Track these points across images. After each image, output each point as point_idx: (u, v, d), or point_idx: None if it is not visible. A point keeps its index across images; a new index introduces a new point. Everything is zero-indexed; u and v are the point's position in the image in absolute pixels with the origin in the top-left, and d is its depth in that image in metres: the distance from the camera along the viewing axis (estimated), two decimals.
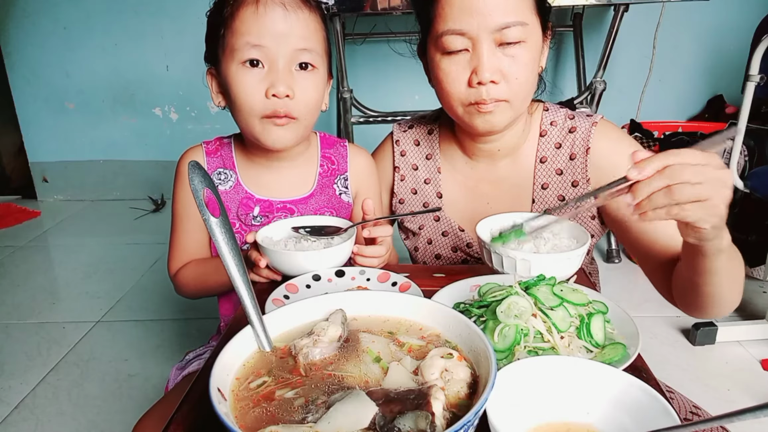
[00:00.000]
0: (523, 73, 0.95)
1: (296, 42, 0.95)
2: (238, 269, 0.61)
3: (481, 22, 0.91)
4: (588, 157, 1.07)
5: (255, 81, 0.95)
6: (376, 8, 2.21)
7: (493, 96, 0.95)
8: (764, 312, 2.00)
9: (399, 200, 1.23)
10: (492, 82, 0.93)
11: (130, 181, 3.61)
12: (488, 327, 0.67)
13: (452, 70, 0.96)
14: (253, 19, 0.93)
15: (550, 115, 1.12)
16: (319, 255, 0.90)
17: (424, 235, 1.22)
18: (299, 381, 0.56)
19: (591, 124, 1.08)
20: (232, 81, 0.97)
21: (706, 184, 0.64)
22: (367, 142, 1.43)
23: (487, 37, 0.92)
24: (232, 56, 0.96)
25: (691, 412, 0.93)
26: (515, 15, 0.92)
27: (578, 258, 0.84)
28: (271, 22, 0.93)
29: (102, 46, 3.35)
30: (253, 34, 0.93)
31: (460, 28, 0.93)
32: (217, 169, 1.10)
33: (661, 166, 0.64)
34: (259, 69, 0.96)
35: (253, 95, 0.96)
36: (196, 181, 0.63)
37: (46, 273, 2.63)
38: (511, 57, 0.94)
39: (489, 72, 0.92)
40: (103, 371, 1.86)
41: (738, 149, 2.10)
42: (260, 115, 0.97)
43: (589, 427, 0.55)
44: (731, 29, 3.08)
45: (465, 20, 0.92)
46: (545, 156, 1.10)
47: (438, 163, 1.19)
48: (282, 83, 0.94)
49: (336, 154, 1.16)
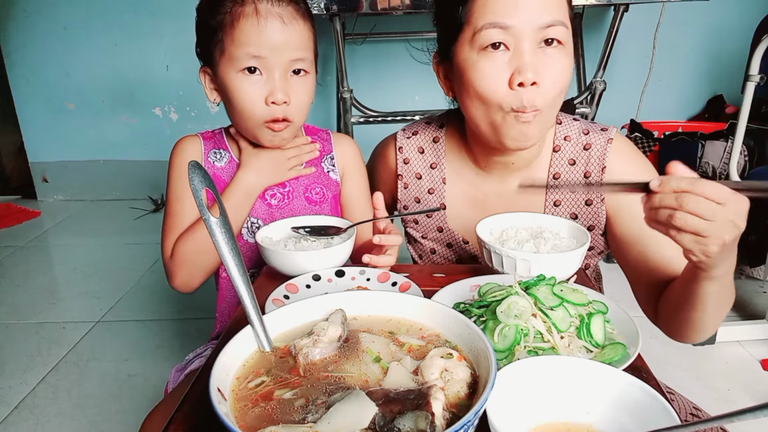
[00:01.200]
0: (561, 76, 0.90)
1: (292, 53, 1.00)
2: (238, 269, 0.61)
3: (525, 17, 0.87)
4: (603, 176, 1.03)
5: (255, 89, 1.00)
6: (376, 8, 2.21)
7: (533, 102, 0.89)
8: (764, 312, 2.00)
9: (404, 206, 1.21)
10: (534, 84, 0.88)
11: (130, 181, 3.61)
12: (488, 327, 0.67)
13: (491, 67, 0.89)
14: (254, 30, 0.97)
15: (564, 129, 1.08)
16: (319, 255, 0.90)
17: (428, 244, 1.20)
18: (299, 381, 0.56)
19: (606, 141, 1.04)
20: (232, 87, 1.01)
21: (711, 223, 0.64)
22: (367, 142, 1.43)
23: (532, 34, 0.87)
24: (230, 63, 1.00)
25: (692, 413, 0.93)
26: (559, 14, 0.88)
27: (578, 258, 0.84)
28: (271, 33, 0.98)
29: (102, 46, 3.35)
30: (254, 45, 0.98)
31: (503, 22, 0.87)
32: (212, 150, 1.16)
33: (680, 189, 0.64)
34: (257, 76, 1.00)
35: (253, 102, 1.01)
36: (196, 181, 0.62)
37: (46, 273, 2.63)
38: (552, 58, 0.89)
39: (532, 72, 0.87)
40: (103, 371, 1.86)
41: (738, 149, 2.10)
42: (261, 121, 1.02)
43: (589, 427, 0.55)
44: (731, 29, 3.08)
45: (508, 14, 0.87)
46: (558, 172, 1.07)
47: (443, 174, 1.14)
48: (280, 91, 1.00)
49: (321, 139, 1.21)
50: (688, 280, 0.80)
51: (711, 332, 0.89)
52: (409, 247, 1.27)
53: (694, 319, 0.84)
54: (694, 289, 0.79)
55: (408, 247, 1.28)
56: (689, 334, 0.90)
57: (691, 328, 0.87)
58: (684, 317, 0.86)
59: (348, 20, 2.92)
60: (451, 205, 1.15)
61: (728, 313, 1.04)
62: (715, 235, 0.65)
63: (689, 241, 0.67)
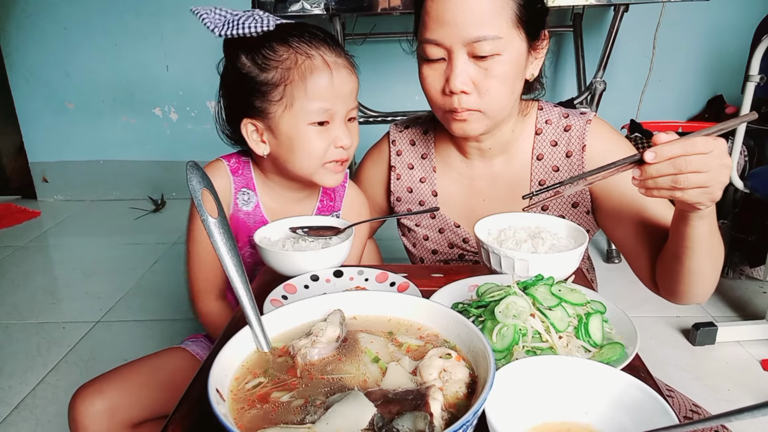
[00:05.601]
0: (496, 86, 0.97)
1: (353, 101, 1.07)
2: (236, 269, 0.61)
3: (455, 33, 0.94)
4: (584, 154, 1.10)
5: (324, 136, 1.03)
6: (376, 8, 2.21)
7: (465, 106, 0.98)
8: (764, 312, 2.00)
9: (396, 198, 1.26)
10: (463, 92, 0.97)
11: (130, 181, 3.61)
12: (487, 327, 0.67)
13: (429, 76, 1.01)
14: (329, 84, 1.01)
15: (545, 113, 1.14)
16: (317, 255, 0.90)
17: (421, 231, 1.24)
18: (297, 382, 0.56)
19: (585, 122, 1.11)
20: (301, 138, 1.03)
21: (709, 173, 0.72)
22: (367, 142, 1.43)
23: (461, 48, 0.95)
24: (300, 116, 1.01)
25: (691, 410, 0.93)
26: (490, 29, 0.93)
27: (576, 258, 0.84)
28: (342, 86, 1.03)
29: (102, 46, 3.36)
30: (328, 99, 1.01)
31: (436, 38, 0.96)
32: (242, 189, 1.14)
33: (674, 155, 0.71)
34: (326, 126, 1.04)
35: (322, 149, 1.04)
36: (195, 181, 0.63)
37: (46, 273, 2.63)
38: (485, 69, 0.96)
39: (460, 82, 0.96)
40: (103, 371, 1.85)
41: (738, 149, 2.10)
42: (323, 163, 1.05)
43: (588, 426, 0.55)
44: (731, 29, 3.08)
45: (441, 31, 0.95)
46: (542, 153, 1.13)
47: (433, 163, 1.21)
48: (347, 137, 1.05)
49: (335, 192, 1.21)
50: (678, 227, 0.85)
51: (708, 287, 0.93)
52: (403, 238, 1.31)
53: (690, 269, 0.89)
54: (686, 232, 0.84)
55: (402, 238, 1.31)
56: (688, 289, 0.93)
57: (689, 281, 0.91)
58: (680, 270, 0.90)
59: (348, 20, 2.92)
60: (442, 192, 1.22)
61: (728, 313, 1.03)
62: (716, 180, 0.73)
63: (696, 195, 0.74)
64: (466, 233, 1.20)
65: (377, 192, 1.30)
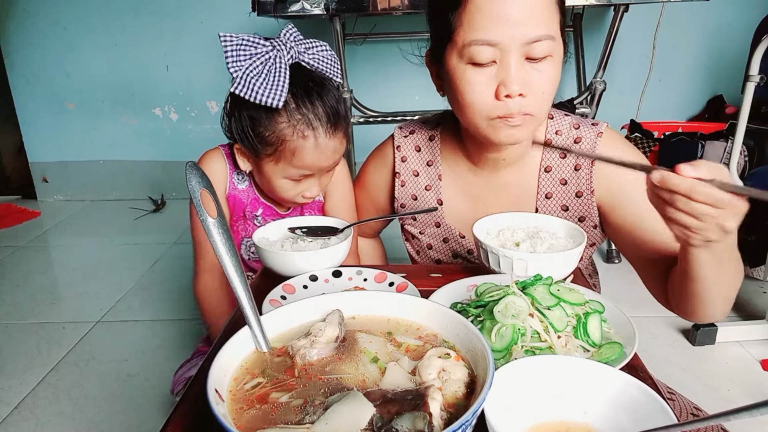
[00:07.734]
0: (549, 87, 0.93)
1: (333, 164, 1.17)
2: (235, 269, 0.62)
3: (512, 33, 0.88)
4: (593, 168, 1.05)
5: (296, 188, 1.16)
6: (376, 8, 2.21)
7: (523, 110, 0.92)
8: (764, 312, 2.00)
9: (400, 204, 1.23)
10: (520, 95, 0.90)
11: (130, 181, 3.61)
12: (485, 327, 0.67)
13: (479, 81, 0.92)
14: (315, 160, 1.10)
15: (555, 123, 1.10)
16: (316, 255, 0.90)
17: (425, 240, 1.22)
18: (296, 382, 0.56)
19: (596, 135, 1.06)
20: (277, 184, 1.15)
21: (700, 220, 0.66)
22: (367, 142, 1.43)
23: (518, 49, 0.89)
24: (281, 170, 1.12)
25: (692, 413, 0.93)
26: (545, 28, 0.89)
27: (575, 257, 0.84)
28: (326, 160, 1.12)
29: (102, 46, 3.35)
30: (311, 169, 1.12)
31: (490, 39, 0.88)
32: (237, 170, 1.23)
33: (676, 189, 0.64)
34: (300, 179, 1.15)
35: (290, 194, 1.16)
36: (194, 181, 0.63)
37: (46, 273, 2.63)
38: (539, 71, 0.91)
39: (518, 85, 0.89)
40: (103, 371, 1.86)
41: (738, 149, 2.10)
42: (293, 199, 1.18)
43: (587, 426, 0.55)
44: (731, 29, 3.08)
45: (496, 31, 0.88)
46: (550, 165, 1.09)
47: (439, 170, 1.17)
48: (317, 190, 1.17)
49: None
50: (682, 253, 0.82)
51: (720, 308, 0.88)
52: (406, 244, 1.29)
53: (696, 292, 0.85)
54: (687, 258, 0.79)
55: (405, 244, 1.29)
56: (697, 309, 0.90)
57: (697, 303, 0.87)
58: (687, 291, 0.86)
59: (348, 20, 2.91)
60: (447, 201, 1.18)
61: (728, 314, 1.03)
62: (705, 230, 0.67)
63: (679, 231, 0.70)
64: (471, 245, 1.17)
65: (381, 197, 1.27)
